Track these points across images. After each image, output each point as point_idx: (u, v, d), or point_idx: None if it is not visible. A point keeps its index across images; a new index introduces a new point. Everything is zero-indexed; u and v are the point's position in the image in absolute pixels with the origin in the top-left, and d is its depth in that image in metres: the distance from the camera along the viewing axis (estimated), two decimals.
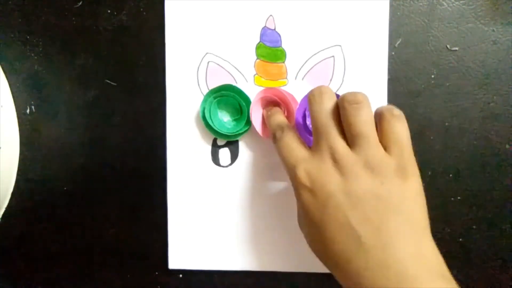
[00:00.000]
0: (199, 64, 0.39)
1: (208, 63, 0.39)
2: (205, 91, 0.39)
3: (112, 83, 0.40)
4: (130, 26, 0.40)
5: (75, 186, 0.41)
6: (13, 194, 0.41)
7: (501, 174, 0.38)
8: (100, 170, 0.41)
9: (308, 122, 0.37)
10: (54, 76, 0.41)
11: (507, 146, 0.38)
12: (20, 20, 0.41)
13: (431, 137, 0.38)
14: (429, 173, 0.39)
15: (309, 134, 0.37)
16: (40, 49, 0.41)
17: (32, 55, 0.41)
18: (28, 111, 0.41)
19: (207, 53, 0.38)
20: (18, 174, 0.41)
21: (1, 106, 0.39)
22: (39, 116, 0.41)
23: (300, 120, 0.37)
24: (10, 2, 0.41)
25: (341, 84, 0.38)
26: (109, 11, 0.40)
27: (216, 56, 0.38)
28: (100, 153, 0.41)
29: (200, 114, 0.38)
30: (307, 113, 0.37)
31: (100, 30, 0.40)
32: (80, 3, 0.40)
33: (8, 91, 0.41)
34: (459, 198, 0.39)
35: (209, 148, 0.39)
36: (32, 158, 0.41)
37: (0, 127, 0.39)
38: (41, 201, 0.42)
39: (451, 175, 0.39)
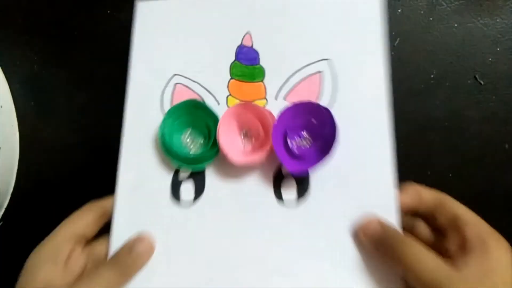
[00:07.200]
0: (165, 87, 0.34)
1: (175, 85, 0.34)
2: None
3: (112, 83, 0.40)
4: (130, 26, 0.40)
5: (75, 186, 0.41)
6: (13, 194, 0.42)
7: (501, 174, 0.38)
8: (100, 170, 0.41)
9: (291, 144, 0.31)
10: (54, 76, 0.41)
11: (507, 146, 0.38)
12: (20, 20, 0.41)
13: (431, 137, 0.38)
14: (429, 173, 0.39)
15: (290, 157, 0.31)
16: (40, 49, 0.41)
17: (32, 55, 0.41)
18: (28, 111, 0.41)
19: (174, 74, 0.34)
20: (18, 174, 0.41)
21: (1, 106, 0.39)
22: (39, 116, 0.41)
23: (281, 139, 0.31)
24: (10, 2, 0.41)
25: (333, 102, 0.32)
26: (109, 11, 0.40)
27: (185, 77, 0.34)
28: (100, 153, 0.41)
29: (159, 138, 0.32)
30: (288, 131, 0.31)
31: (100, 30, 0.40)
32: (80, 3, 0.40)
33: (8, 91, 0.41)
34: (459, 198, 0.39)
35: (169, 181, 0.32)
36: (32, 158, 0.41)
37: (0, 127, 0.39)
38: (41, 201, 0.42)
39: (451, 175, 0.39)
